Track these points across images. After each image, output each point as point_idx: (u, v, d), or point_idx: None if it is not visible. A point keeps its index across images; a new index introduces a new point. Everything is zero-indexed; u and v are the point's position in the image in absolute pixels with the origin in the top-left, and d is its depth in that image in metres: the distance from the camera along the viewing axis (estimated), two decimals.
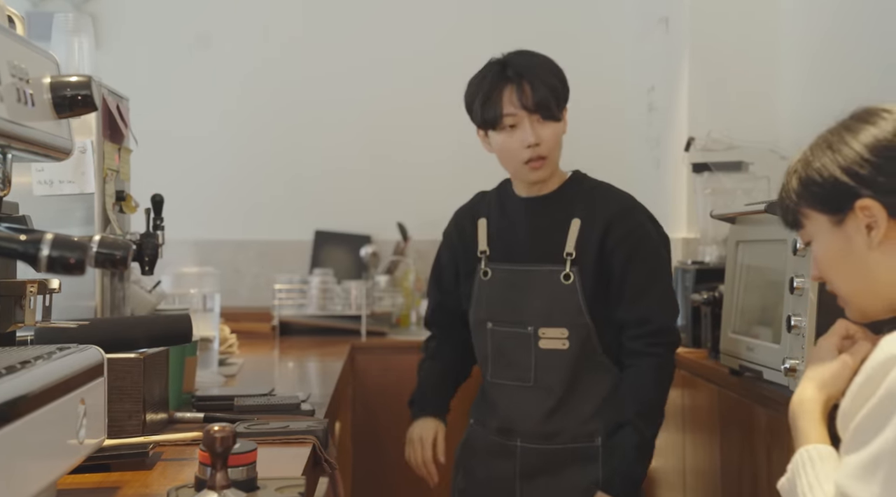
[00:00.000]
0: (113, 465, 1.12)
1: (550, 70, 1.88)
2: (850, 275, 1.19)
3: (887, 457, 1.01)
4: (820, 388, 1.22)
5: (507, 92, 1.84)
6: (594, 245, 1.89)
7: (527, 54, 1.90)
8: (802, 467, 1.15)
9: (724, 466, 2.20)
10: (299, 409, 1.56)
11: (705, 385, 2.33)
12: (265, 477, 1.04)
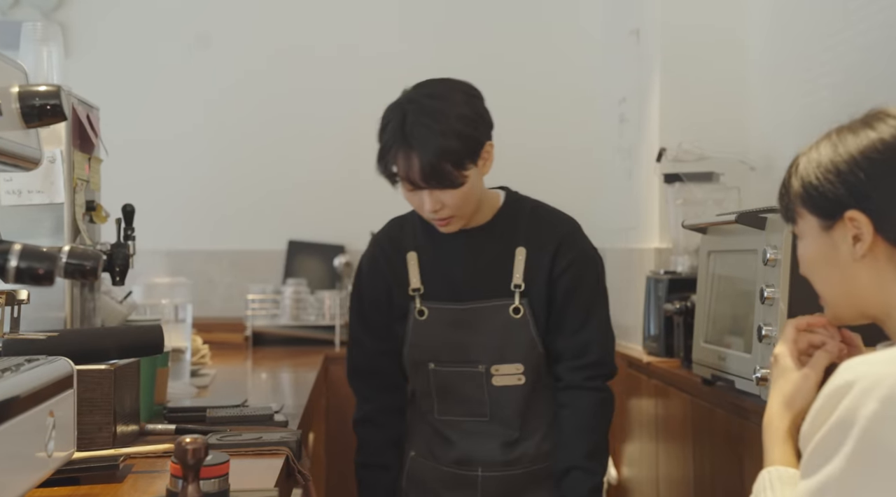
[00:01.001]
0: (83, 478, 1.11)
1: (451, 126, 1.67)
2: (831, 280, 1.19)
3: (833, 485, 1.02)
4: (785, 406, 1.22)
5: (399, 157, 1.68)
6: (543, 272, 1.80)
7: (430, 98, 1.69)
8: (763, 489, 1.16)
9: (697, 475, 2.21)
10: (272, 420, 1.55)
11: (678, 394, 2.34)
12: (238, 489, 1.03)
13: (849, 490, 1.02)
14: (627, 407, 2.86)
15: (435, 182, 1.68)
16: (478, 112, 1.73)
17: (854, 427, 1.01)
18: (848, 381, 1.03)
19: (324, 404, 2.92)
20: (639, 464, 2.75)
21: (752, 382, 1.75)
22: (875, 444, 1.01)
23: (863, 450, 1.01)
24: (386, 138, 1.70)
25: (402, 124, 1.68)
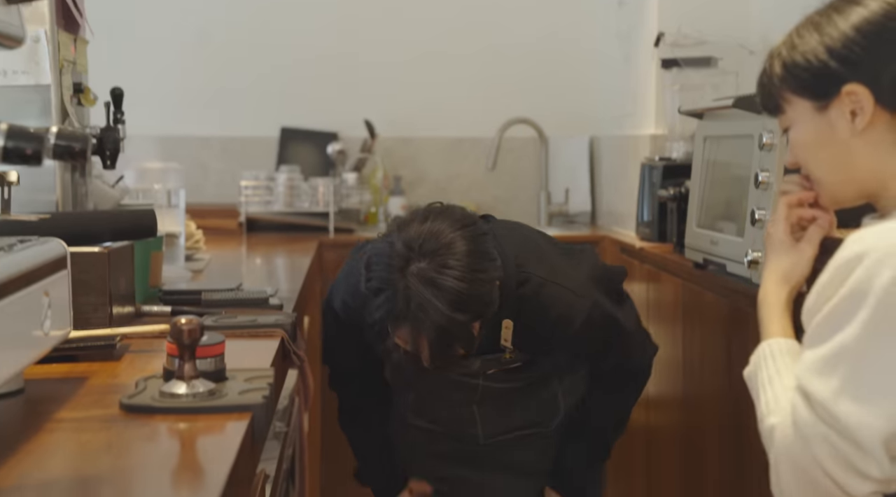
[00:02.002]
0: (80, 356, 1.12)
1: (460, 320, 1.48)
2: (829, 162, 1.18)
3: (849, 353, 1.03)
4: (782, 281, 1.23)
5: (402, 335, 1.54)
6: (534, 339, 1.70)
7: (428, 280, 1.47)
8: (763, 360, 1.16)
9: (686, 357, 2.25)
10: (267, 303, 1.56)
11: (670, 278, 2.37)
12: (234, 368, 1.04)
13: (864, 357, 1.02)
14: None
15: (440, 363, 1.57)
16: (483, 282, 1.51)
17: (869, 295, 1.01)
18: (858, 253, 1.03)
19: (318, 289, 2.94)
20: None
21: (744, 266, 1.76)
22: (892, 310, 1.01)
23: (880, 317, 1.01)
24: (388, 310, 1.51)
25: (408, 302, 1.48)
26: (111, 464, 0.80)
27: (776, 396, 1.11)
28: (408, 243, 1.47)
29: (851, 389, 1.02)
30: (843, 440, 1.02)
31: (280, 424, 1.51)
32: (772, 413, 1.11)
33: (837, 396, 1.02)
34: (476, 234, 1.51)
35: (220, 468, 0.77)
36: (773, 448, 1.09)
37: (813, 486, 1.05)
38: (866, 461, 1.01)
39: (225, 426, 0.89)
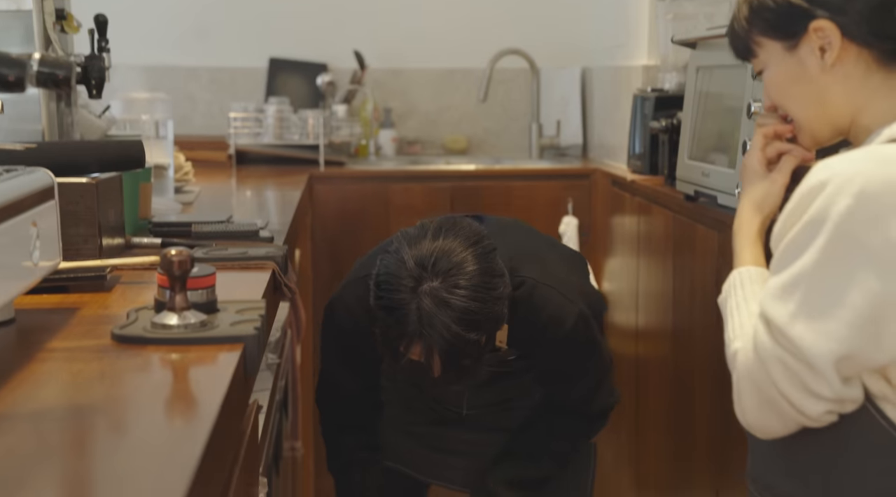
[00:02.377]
0: (71, 287, 1.12)
1: (473, 338, 1.49)
2: (804, 100, 1.20)
3: (805, 279, 1.06)
4: (755, 210, 1.25)
5: (415, 352, 1.53)
6: (527, 341, 1.72)
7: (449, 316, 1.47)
8: (733, 288, 1.19)
9: (675, 288, 2.26)
10: (258, 235, 1.55)
11: (661, 211, 2.37)
12: (225, 300, 1.04)
13: (819, 282, 1.05)
14: (610, 225, 2.89)
15: (452, 378, 1.56)
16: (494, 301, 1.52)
17: (827, 222, 1.04)
18: (822, 181, 1.06)
19: (309, 222, 2.94)
20: (619, 278, 2.81)
21: (734, 197, 1.76)
22: (847, 238, 1.04)
23: (835, 243, 1.04)
24: (400, 331, 1.51)
25: (420, 321, 1.48)
26: (104, 393, 0.80)
27: (741, 323, 1.15)
28: (419, 262, 1.48)
29: (805, 313, 1.05)
30: (797, 362, 1.05)
31: (272, 356, 1.52)
32: (737, 338, 1.14)
33: (793, 320, 1.06)
34: (486, 251, 1.52)
35: (212, 398, 0.77)
36: (735, 371, 1.13)
37: (771, 406, 1.09)
38: (818, 382, 1.05)
39: (217, 357, 0.89)
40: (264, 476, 1.22)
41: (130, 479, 0.63)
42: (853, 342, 1.03)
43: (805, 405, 1.06)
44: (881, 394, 1.07)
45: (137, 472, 0.65)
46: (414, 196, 3.02)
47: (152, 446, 0.69)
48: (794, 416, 1.08)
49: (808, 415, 1.07)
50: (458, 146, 3.53)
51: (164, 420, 0.76)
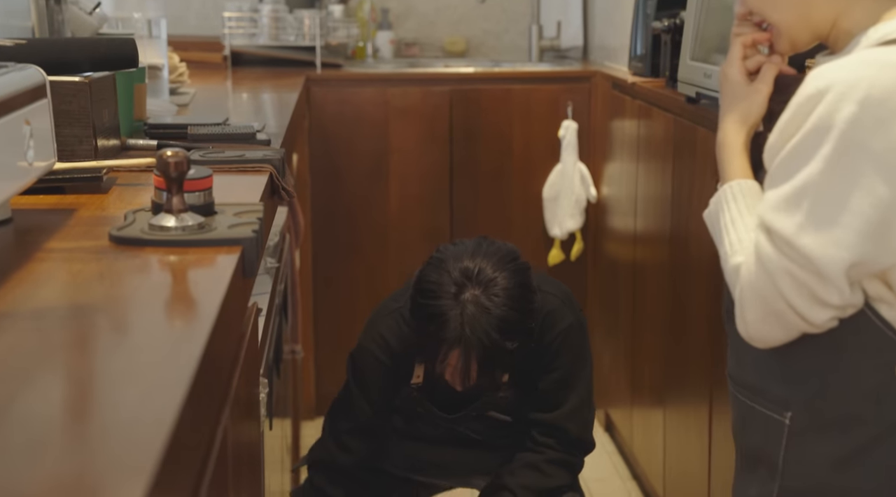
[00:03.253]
0: (67, 188, 1.11)
1: (509, 347, 1.59)
2: (785, 4, 1.17)
3: (812, 188, 1.05)
4: (739, 122, 1.22)
5: (451, 360, 1.60)
6: (526, 363, 1.74)
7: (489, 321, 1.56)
8: (725, 202, 1.17)
9: (675, 192, 2.26)
10: (254, 138, 1.54)
11: (661, 114, 2.34)
12: (222, 203, 1.04)
13: (827, 192, 1.04)
14: (610, 129, 2.87)
15: (483, 384, 1.65)
16: (531, 313, 1.63)
17: (832, 130, 1.03)
18: (820, 89, 1.04)
19: (306, 126, 2.91)
20: (618, 182, 2.80)
21: None
22: (855, 146, 1.03)
23: (842, 151, 1.03)
24: (441, 337, 1.59)
25: (462, 327, 1.57)
26: (104, 293, 0.80)
27: (739, 237, 1.14)
28: (463, 272, 1.58)
29: (814, 223, 1.05)
30: (805, 272, 1.05)
31: (271, 261, 1.52)
32: (736, 253, 1.13)
33: (800, 231, 1.05)
34: (522, 268, 1.63)
35: (211, 299, 0.77)
36: (738, 285, 1.13)
37: (776, 317, 1.09)
38: (828, 290, 1.05)
39: (215, 259, 0.89)
40: (265, 377, 1.23)
41: (133, 377, 0.64)
42: (863, 248, 1.04)
43: (812, 314, 1.07)
44: (878, 296, 1.08)
45: (140, 371, 0.65)
46: (412, 99, 2.99)
47: (153, 346, 0.70)
48: (800, 325, 1.09)
49: (814, 323, 1.08)
50: (457, 48, 3.47)
51: (165, 320, 0.77)
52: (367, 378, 1.77)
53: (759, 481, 1.19)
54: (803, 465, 1.15)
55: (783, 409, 1.15)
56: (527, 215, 3.03)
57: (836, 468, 1.12)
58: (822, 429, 1.13)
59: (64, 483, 0.50)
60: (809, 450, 1.14)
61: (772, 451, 1.17)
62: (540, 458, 1.71)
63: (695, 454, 2.14)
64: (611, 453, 2.88)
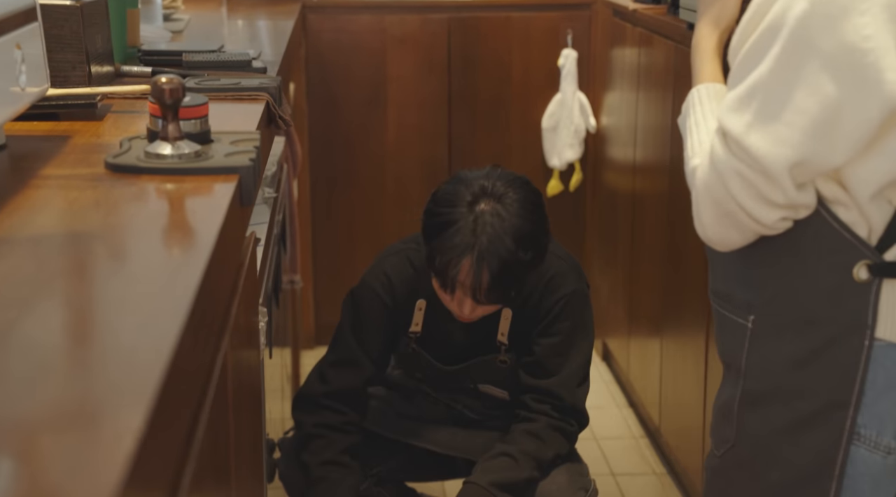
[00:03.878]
0: (61, 114, 1.10)
1: (521, 257, 1.57)
2: None
3: (761, 87, 1.05)
4: (711, 25, 1.23)
5: (463, 269, 1.57)
6: (527, 326, 1.73)
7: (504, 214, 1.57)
8: (692, 106, 1.18)
9: (674, 121, 2.24)
10: (250, 66, 1.52)
11: (662, 41, 2.31)
12: (219, 131, 1.03)
13: (775, 90, 1.05)
14: (610, 57, 2.83)
15: (493, 299, 1.61)
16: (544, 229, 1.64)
17: (783, 28, 1.03)
18: None
19: (303, 54, 2.87)
20: (618, 112, 2.78)
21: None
22: (803, 43, 1.03)
23: (791, 50, 1.04)
24: (453, 252, 1.57)
25: (474, 232, 1.57)
26: (101, 221, 0.80)
27: (700, 140, 1.15)
28: (479, 186, 1.61)
29: (761, 121, 1.06)
30: (752, 172, 1.06)
31: (269, 190, 1.51)
32: (695, 155, 1.15)
33: (748, 130, 1.06)
34: (535, 190, 1.66)
35: (209, 228, 0.77)
36: (694, 188, 1.14)
37: (729, 218, 1.11)
38: (773, 189, 1.06)
39: (212, 188, 0.88)
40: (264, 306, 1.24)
41: (132, 305, 0.64)
42: (807, 147, 1.04)
43: (760, 214, 1.08)
44: (833, 197, 1.09)
45: (138, 298, 0.65)
46: (410, 27, 2.94)
47: (151, 274, 0.70)
48: (751, 225, 1.10)
49: (763, 223, 1.09)
50: None
51: (162, 248, 0.76)
52: (364, 315, 1.76)
53: (730, 384, 1.23)
54: (762, 366, 1.18)
55: (746, 313, 1.18)
56: (525, 145, 3.01)
57: (793, 368, 1.14)
58: (780, 331, 1.15)
59: (65, 409, 0.50)
60: (769, 351, 1.16)
61: (737, 354, 1.20)
62: (537, 425, 1.70)
63: (691, 382, 2.17)
64: (608, 382, 2.91)
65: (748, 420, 1.20)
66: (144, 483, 0.47)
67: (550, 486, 1.69)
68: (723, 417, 1.24)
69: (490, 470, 1.65)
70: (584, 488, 1.72)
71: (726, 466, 1.24)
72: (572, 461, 1.76)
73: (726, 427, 1.23)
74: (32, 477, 0.44)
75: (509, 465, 1.65)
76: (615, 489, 2.39)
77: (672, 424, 2.35)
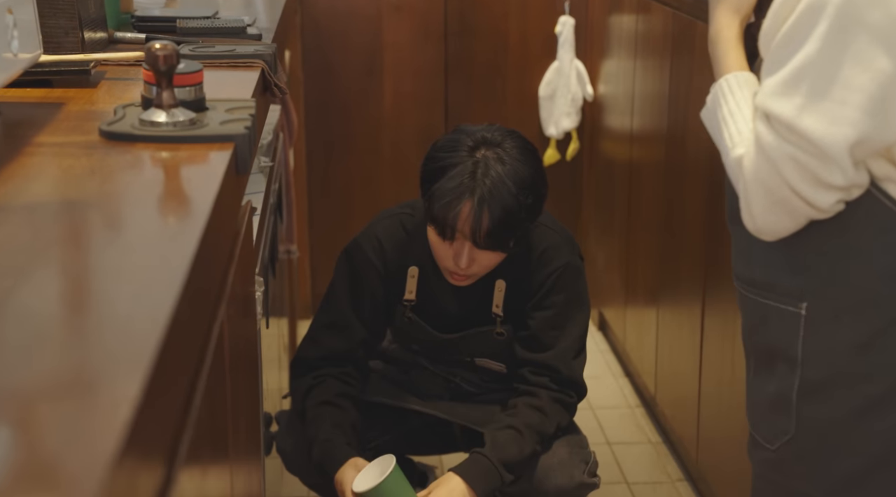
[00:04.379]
0: (55, 81, 1.09)
1: (521, 201, 1.58)
2: None
3: (810, 68, 1.02)
4: (731, 13, 1.19)
5: (463, 211, 1.57)
6: (522, 300, 1.73)
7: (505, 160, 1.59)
8: (723, 96, 1.14)
9: (672, 90, 2.23)
10: (245, 32, 1.50)
11: (660, 8, 2.29)
12: (214, 99, 1.02)
13: (826, 70, 1.02)
14: (608, 24, 2.81)
15: (492, 244, 1.60)
16: (543, 177, 1.66)
17: (827, 6, 1.00)
18: None
19: (298, 21, 2.85)
20: (615, 80, 2.76)
21: None
22: (851, 19, 1.00)
23: (838, 27, 1.01)
24: (455, 192, 1.58)
25: (474, 184, 1.58)
26: (96, 189, 0.79)
27: (739, 129, 1.11)
28: (479, 136, 1.63)
29: (814, 103, 1.02)
30: (808, 155, 1.04)
31: (265, 159, 1.51)
32: (737, 145, 1.11)
33: (801, 113, 1.03)
34: (532, 145, 1.67)
35: (205, 196, 0.76)
36: (742, 178, 1.11)
37: (782, 205, 1.07)
38: (831, 171, 1.03)
39: (208, 156, 0.88)
40: (261, 276, 1.24)
41: (127, 274, 0.63)
42: (866, 125, 1.01)
43: (818, 198, 1.05)
44: (885, 175, 1.06)
45: (134, 267, 0.65)
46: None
47: (147, 242, 0.69)
48: (806, 210, 1.07)
49: (819, 207, 1.06)
50: None
51: (158, 217, 0.76)
52: (356, 276, 1.75)
53: (779, 376, 1.18)
54: (823, 353, 1.13)
55: (797, 301, 1.14)
56: (522, 114, 2.99)
57: (857, 352, 1.11)
58: (837, 315, 1.11)
59: (62, 377, 0.50)
60: (828, 338, 1.13)
61: (789, 344, 1.15)
62: (539, 400, 1.69)
63: (686, 352, 2.17)
64: (604, 352, 2.92)
65: (809, 410, 1.16)
66: (141, 451, 0.47)
67: (552, 459, 1.70)
68: (775, 410, 1.19)
69: (497, 444, 1.65)
70: (585, 460, 1.73)
71: (783, 459, 1.19)
72: (572, 433, 1.77)
73: (782, 419, 1.18)
74: (30, 445, 0.44)
75: (515, 438, 1.65)
76: (611, 458, 2.41)
77: (668, 394, 2.36)
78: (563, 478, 1.69)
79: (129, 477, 0.45)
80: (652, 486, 2.30)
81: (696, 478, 2.24)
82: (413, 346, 1.84)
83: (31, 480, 0.41)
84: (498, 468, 1.62)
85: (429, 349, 1.82)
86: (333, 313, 1.77)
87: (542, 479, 1.69)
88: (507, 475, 1.63)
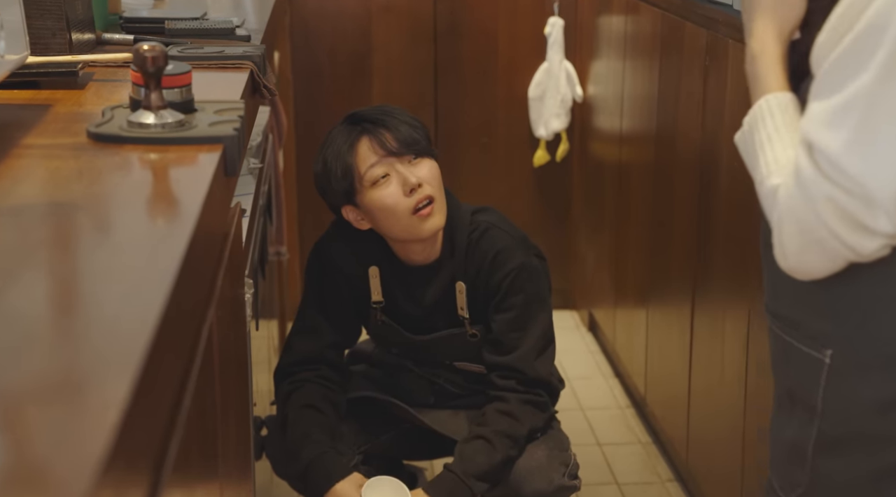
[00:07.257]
0: (42, 83, 1.08)
1: (407, 116, 1.70)
2: None
3: (863, 100, 0.90)
4: (777, 28, 1.06)
5: (362, 146, 1.65)
6: (483, 301, 1.73)
7: (377, 108, 1.73)
8: (762, 119, 1.03)
9: (661, 90, 2.23)
10: (234, 33, 1.50)
11: (648, 9, 2.30)
12: (202, 100, 1.01)
13: (881, 104, 0.90)
14: (597, 25, 2.82)
15: (414, 146, 1.65)
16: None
17: (889, 30, 0.88)
18: None
19: (287, 23, 2.85)
20: (605, 81, 2.77)
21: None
22: None
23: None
24: (340, 145, 1.67)
25: (354, 125, 1.69)
26: (84, 191, 0.79)
27: (776, 157, 1.00)
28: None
29: (863, 140, 0.90)
30: (850, 197, 0.91)
31: (254, 161, 1.50)
32: (772, 173, 0.99)
33: (847, 149, 0.91)
34: None
35: (193, 198, 0.76)
36: (776, 210, 0.99)
37: (818, 246, 0.96)
38: (876, 216, 0.91)
39: (196, 158, 0.87)
40: (250, 278, 1.23)
41: (116, 276, 0.63)
42: None
43: (859, 244, 0.93)
44: None
45: (122, 269, 0.64)
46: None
47: (135, 244, 0.69)
48: (846, 254, 0.95)
49: (860, 253, 0.94)
50: None
51: (147, 219, 0.75)
52: (318, 278, 1.79)
53: (798, 423, 1.09)
54: (844, 408, 1.04)
55: (822, 346, 1.03)
56: (511, 115, 2.99)
57: (879, 412, 1.01)
58: (864, 370, 1.01)
59: (50, 380, 0.49)
60: (850, 391, 1.02)
61: (810, 390, 1.06)
62: (508, 404, 1.68)
63: (676, 353, 2.18)
64: (594, 352, 2.92)
65: (824, 466, 1.07)
66: (130, 454, 0.47)
67: (529, 462, 1.69)
68: (791, 459, 1.11)
69: (465, 457, 1.65)
70: (565, 463, 1.72)
71: None
72: (552, 434, 1.76)
73: (797, 470, 1.10)
74: (18, 448, 0.44)
75: (484, 448, 1.65)
76: (601, 459, 2.41)
77: (658, 394, 2.37)
78: (541, 482, 1.68)
79: (117, 480, 0.44)
80: (642, 487, 2.31)
81: (686, 478, 2.24)
82: (392, 349, 1.84)
83: (20, 484, 0.41)
84: (466, 481, 1.62)
85: (407, 352, 1.83)
86: (303, 318, 1.80)
87: (520, 483, 1.68)
88: (480, 485, 1.63)
